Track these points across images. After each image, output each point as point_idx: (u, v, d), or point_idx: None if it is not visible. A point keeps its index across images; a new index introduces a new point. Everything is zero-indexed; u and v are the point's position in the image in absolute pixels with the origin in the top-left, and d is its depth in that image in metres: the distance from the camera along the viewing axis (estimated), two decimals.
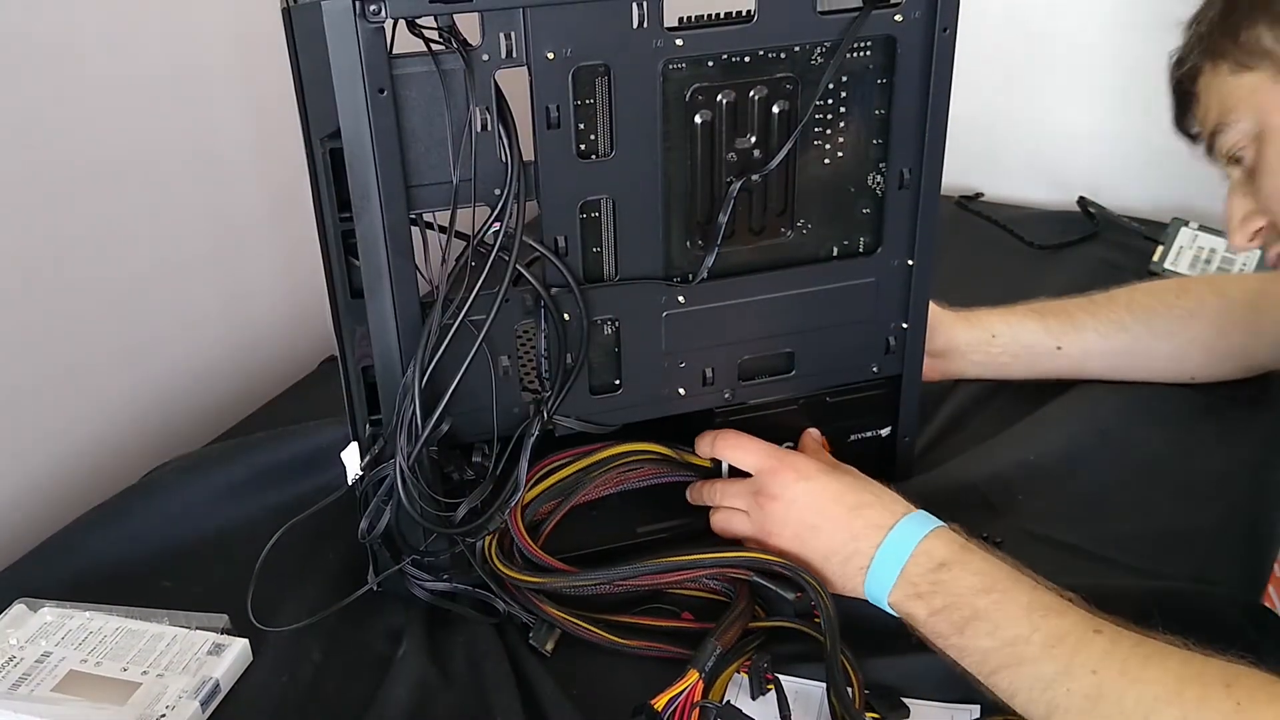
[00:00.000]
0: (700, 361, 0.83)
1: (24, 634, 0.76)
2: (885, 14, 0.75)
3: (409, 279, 0.72)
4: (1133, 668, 0.61)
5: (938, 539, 0.72)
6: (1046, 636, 0.64)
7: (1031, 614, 0.65)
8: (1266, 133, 0.76)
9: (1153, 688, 0.59)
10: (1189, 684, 0.59)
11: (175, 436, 1.05)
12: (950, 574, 0.70)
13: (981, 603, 0.67)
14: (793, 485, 0.78)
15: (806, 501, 0.77)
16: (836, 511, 0.76)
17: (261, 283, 1.17)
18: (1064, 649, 0.63)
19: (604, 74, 0.72)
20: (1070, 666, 0.62)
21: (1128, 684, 0.60)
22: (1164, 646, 0.62)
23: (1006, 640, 0.65)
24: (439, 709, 0.73)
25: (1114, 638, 0.63)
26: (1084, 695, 0.61)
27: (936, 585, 0.70)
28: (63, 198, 0.94)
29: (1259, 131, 0.76)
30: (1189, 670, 0.60)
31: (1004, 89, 1.48)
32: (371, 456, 0.76)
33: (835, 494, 0.77)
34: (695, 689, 0.70)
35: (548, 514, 0.84)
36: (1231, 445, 0.95)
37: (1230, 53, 0.76)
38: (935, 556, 0.71)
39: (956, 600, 0.68)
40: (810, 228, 0.82)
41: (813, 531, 0.77)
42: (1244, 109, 0.76)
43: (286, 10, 0.66)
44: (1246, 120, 0.77)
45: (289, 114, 0.69)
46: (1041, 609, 0.66)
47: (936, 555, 0.71)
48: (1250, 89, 0.75)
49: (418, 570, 0.80)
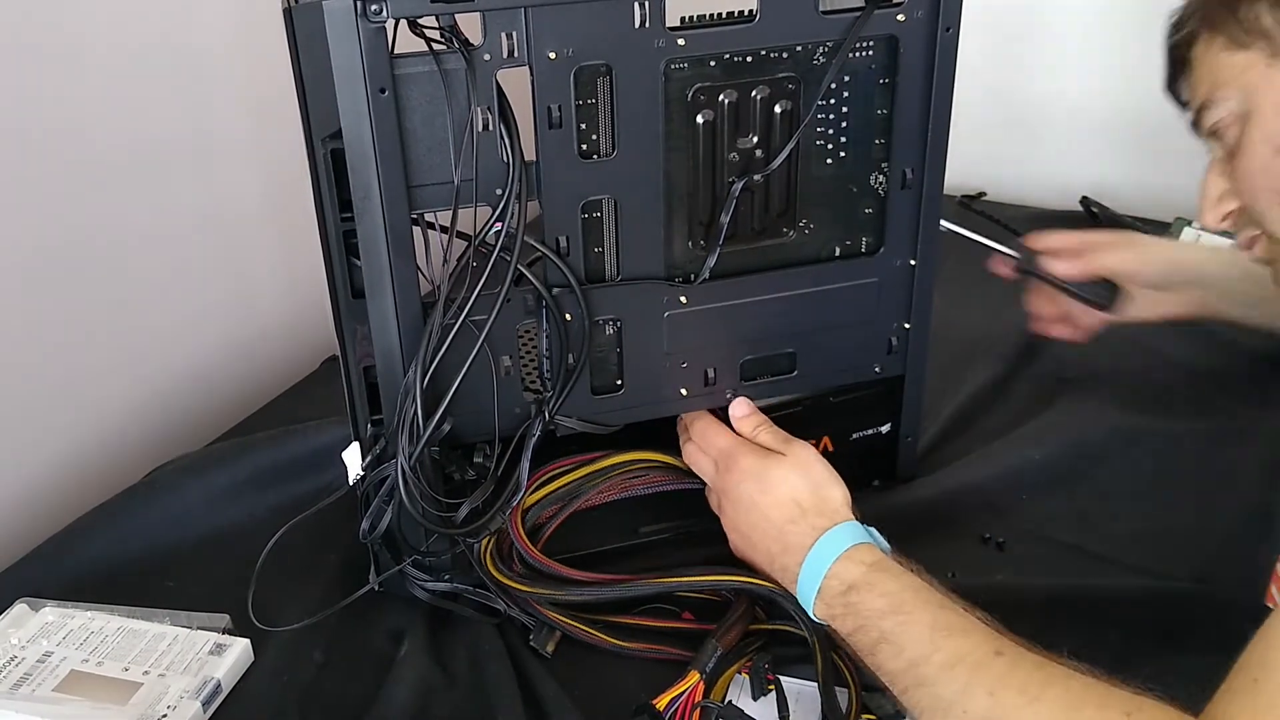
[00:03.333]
0: (702, 362, 0.82)
1: (25, 634, 0.76)
2: (887, 14, 0.75)
3: (410, 279, 0.72)
4: (1031, 689, 0.59)
5: (849, 560, 0.71)
6: (946, 657, 0.63)
7: (934, 635, 0.65)
8: (1252, 114, 0.74)
9: (1050, 709, 0.58)
10: (1087, 708, 0.57)
11: (176, 436, 1.05)
12: (859, 596, 0.69)
13: (887, 625, 0.67)
14: (738, 487, 0.78)
15: (747, 509, 0.77)
16: (768, 527, 0.76)
17: (263, 283, 1.17)
18: (962, 670, 0.62)
19: (606, 74, 0.72)
20: (968, 688, 0.61)
21: (1024, 705, 0.59)
22: (1066, 670, 0.60)
23: (911, 662, 0.65)
24: (440, 709, 0.73)
25: (1014, 660, 0.62)
26: (979, 717, 0.60)
27: (848, 608, 0.70)
28: (64, 198, 0.94)
29: (1245, 112, 0.74)
30: (1089, 695, 0.58)
31: (1006, 88, 1.48)
32: (373, 457, 0.76)
33: (772, 504, 0.76)
34: (696, 689, 0.70)
35: (549, 519, 0.84)
36: (1236, 444, 0.95)
37: (1227, 26, 0.74)
38: (845, 579, 0.70)
39: (865, 623, 0.68)
40: (812, 228, 0.82)
41: (750, 544, 0.78)
42: (1233, 87, 0.74)
43: (288, 10, 0.66)
44: (1234, 99, 0.75)
45: (290, 114, 0.69)
46: (945, 630, 0.65)
47: (847, 578, 0.70)
48: (1242, 67, 0.73)
49: (418, 570, 0.80)
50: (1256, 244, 0.80)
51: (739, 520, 0.79)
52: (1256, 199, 0.76)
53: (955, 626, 0.65)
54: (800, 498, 0.76)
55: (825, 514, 0.75)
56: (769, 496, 0.77)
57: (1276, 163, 0.73)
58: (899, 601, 0.67)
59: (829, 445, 0.89)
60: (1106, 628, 0.74)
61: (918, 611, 0.66)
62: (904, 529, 0.87)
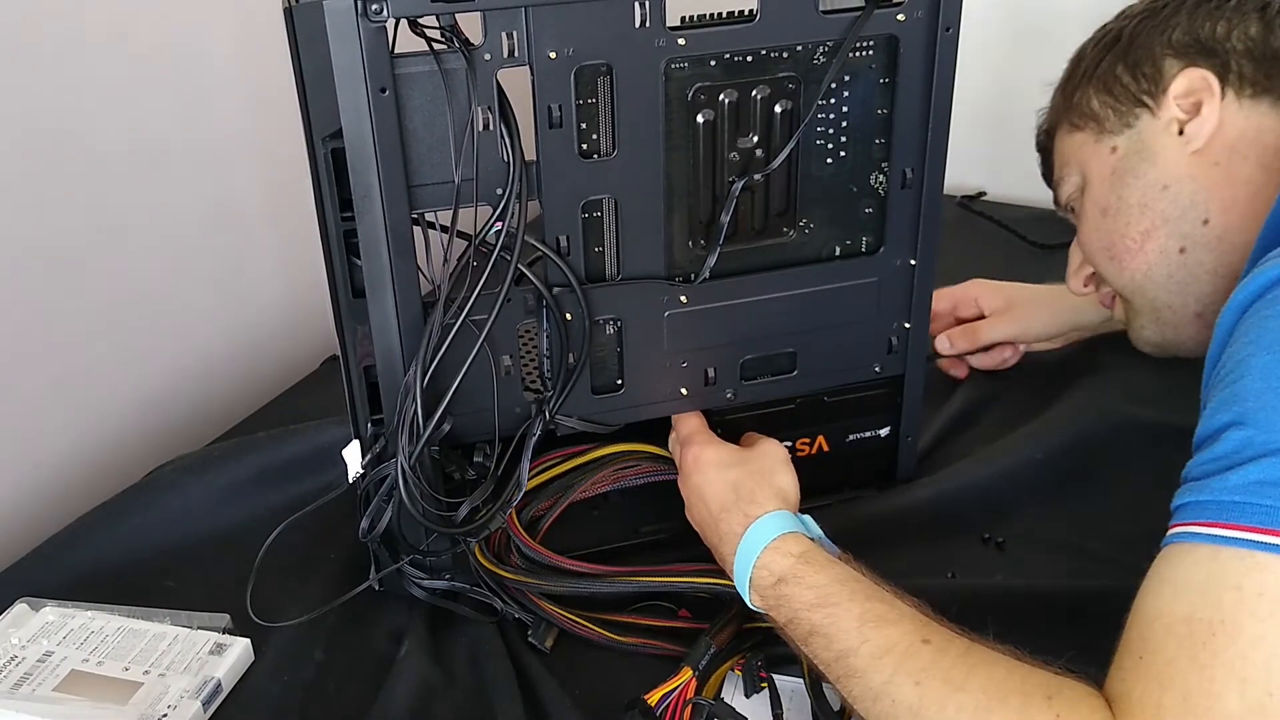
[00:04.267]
0: (702, 361, 0.82)
1: (26, 633, 0.76)
2: (888, 13, 0.75)
3: (411, 279, 0.72)
4: (956, 677, 0.60)
5: (776, 552, 0.71)
6: (874, 648, 0.64)
7: (862, 626, 0.65)
8: (1087, 184, 0.84)
9: (975, 696, 0.59)
10: (1011, 695, 0.58)
11: (177, 436, 1.05)
12: (788, 589, 0.69)
13: (816, 617, 0.67)
14: (690, 475, 0.79)
15: (695, 495, 0.78)
16: (707, 516, 0.76)
17: (263, 282, 1.17)
18: (890, 659, 0.63)
19: (606, 73, 0.72)
20: (895, 677, 0.62)
21: (950, 693, 0.60)
22: (992, 654, 0.61)
23: (840, 653, 0.65)
24: (441, 709, 0.73)
25: (941, 647, 0.62)
26: (907, 706, 0.61)
27: (779, 599, 0.70)
28: (65, 197, 0.94)
29: (1083, 184, 0.84)
30: (1012, 681, 0.59)
31: (1006, 88, 1.48)
32: (373, 456, 0.76)
33: (711, 493, 0.76)
34: (688, 686, 0.70)
35: (544, 512, 0.84)
36: None
37: (1068, 114, 0.85)
38: (774, 571, 0.71)
39: (795, 615, 0.69)
40: (812, 227, 0.82)
41: (701, 524, 0.78)
42: (1073, 165, 0.85)
43: (288, 10, 0.66)
44: (1076, 175, 0.85)
45: (291, 113, 0.69)
46: (873, 620, 0.65)
47: (775, 570, 0.71)
48: (1078, 146, 0.84)
49: (416, 569, 0.80)
50: (1115, 303, 0.90)
51: (691, 512, 0.79)
52: (1094, 258, 0.85)
53: (884, 616, 0.65)
54: (738, 484, 0.76)
55: (757, 502, 0.74)
56: (710, 486, 0.77)
57: (1104, 224, 0.83)
58: (825, 594, 0.68)
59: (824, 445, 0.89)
60: (1106, 628, 0.74)
61: (845, 603, 0.67)
62: (904, 529, 0.88)
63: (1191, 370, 1.06)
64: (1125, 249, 0.81)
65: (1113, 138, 0.81)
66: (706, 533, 0.77)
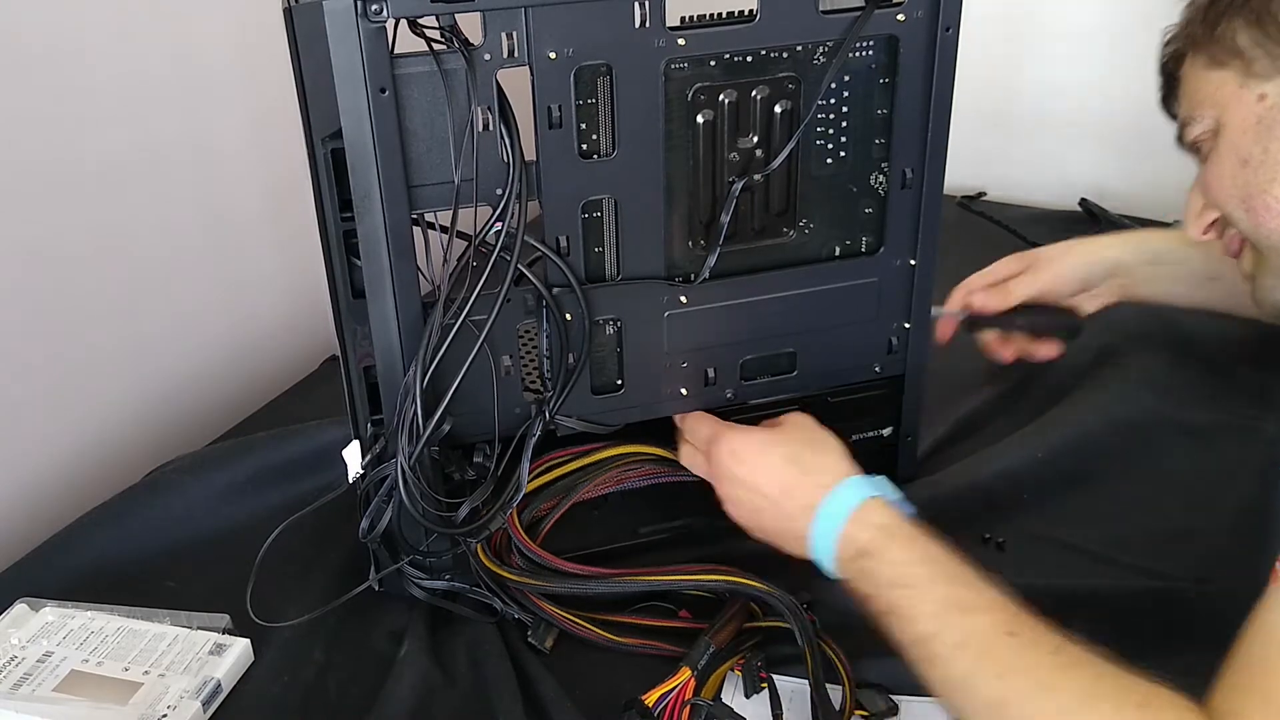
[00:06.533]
0: (702, 361, 0.82)
1: (26, 634, 0.76)
2: (888, 13, 0.75)
3: (410, 279, 0.72)
4: (1045, 676, 0.58)
5: (859, 522, 0.69)
6: (957, 636, 0.62)
7: (943, 612, 0.63)
8: (1223, 129, 0.77)
9: (1063, 699, 0.57)
10: (1102, 700, 0.56)
11: (177, 436, 1.05)
12: (870, 563, 0.68)
13: (895, 596, 0.65)
14: (727, 472, 0.77)
15: (743, 492, 0.76)
16: (765, 504, 0.75)
17: (263, 283, 1.17)
18: (971, 651, 0.61)
19: (606, 73, 0.72)
20: (977, 669, 0.60)
21: (1037, 692, 0.58)
22: (1083, 655, 0.59)
23: (918, 637, 0.63)
24: (441, 709, 0.73)
25: (1029, 642, 0.60)
26: (987, 701, 0.59)
27: (861, 572, 0.68)
28: (65, 198, 0.94)
29: (1218, 128, 0.77)
30: (1102, 685, 0.57)
31: (1007, 88, 1.48)
32: (373, 456, 0.76)
33: (766, 476, 0.75)
34: (687, 686, 0.70)
35: (546, 512, 0.84)
36: (1235, 444, 0.95)
37: (1207, 46, 0.76)
38: (857, 543, 0.69)
39: (875, 592, 0.67)
40: (812, 228, 0.82)
41: (756, 514, 0.76)
42: (1209, 105, 0.77)
43: (288, 10, 0.66)
44: (1210, 116, 0.78)
45: (290, 114, 0.69)
46: (956, 608, 0.63)
47: (858, 542, 0.69)
48: (1217, 85, 0.76)
49: (416, 569, 0.80)
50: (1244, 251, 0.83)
51: (741, 508, 0.77)
52: (1225, 205, 0.79)
53: (965, 603, 0.63)
54: (796, 457, 0.74)
55: (826, 469, 0.73)
56: (761, 471, 0.75)
57: (1244, 175, 0.76)
58: (907, 573, 0.66)
59: None
60: (1106, 628, 0.74)
61: (926, 586, 0.65)
62: None
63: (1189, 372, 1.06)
64: (1265, 205, 0.75)
65: (1262, 83, 0.73)
66: (764, 520, 0.75)
